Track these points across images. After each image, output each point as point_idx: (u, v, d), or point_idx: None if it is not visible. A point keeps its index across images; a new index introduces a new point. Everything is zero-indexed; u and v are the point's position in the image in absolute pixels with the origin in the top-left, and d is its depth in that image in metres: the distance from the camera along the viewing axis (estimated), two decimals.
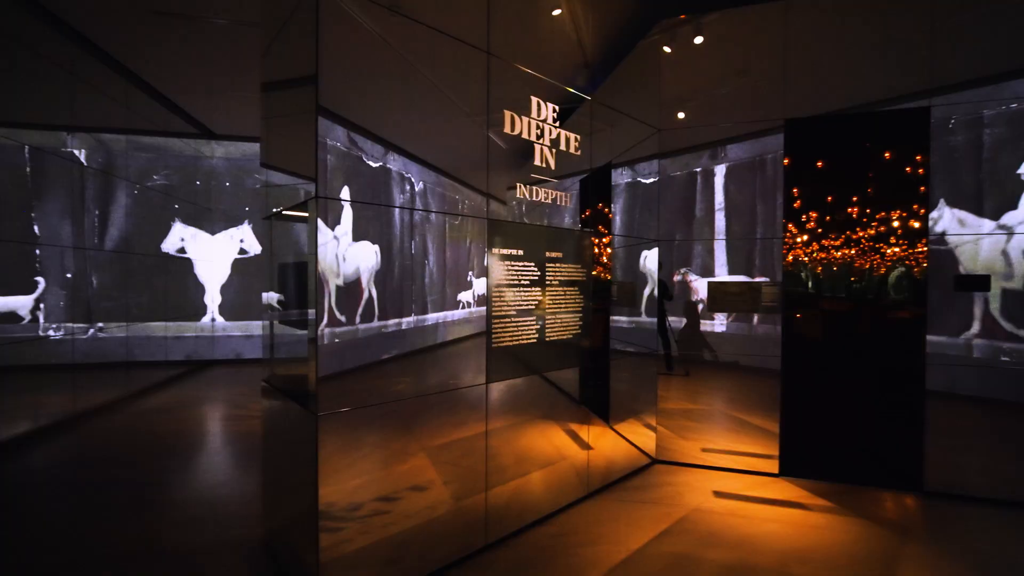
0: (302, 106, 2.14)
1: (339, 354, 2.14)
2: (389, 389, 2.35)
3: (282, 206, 2.46)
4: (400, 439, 2.38)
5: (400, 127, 2.41)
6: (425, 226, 2.55)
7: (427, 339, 2.56)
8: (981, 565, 2.58)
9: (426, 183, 2.52)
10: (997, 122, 3.32)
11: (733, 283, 3.95)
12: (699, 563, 2.57)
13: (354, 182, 2.19)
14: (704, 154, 4.15)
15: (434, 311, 2.58)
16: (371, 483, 2.22)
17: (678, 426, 4.05)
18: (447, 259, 2.65)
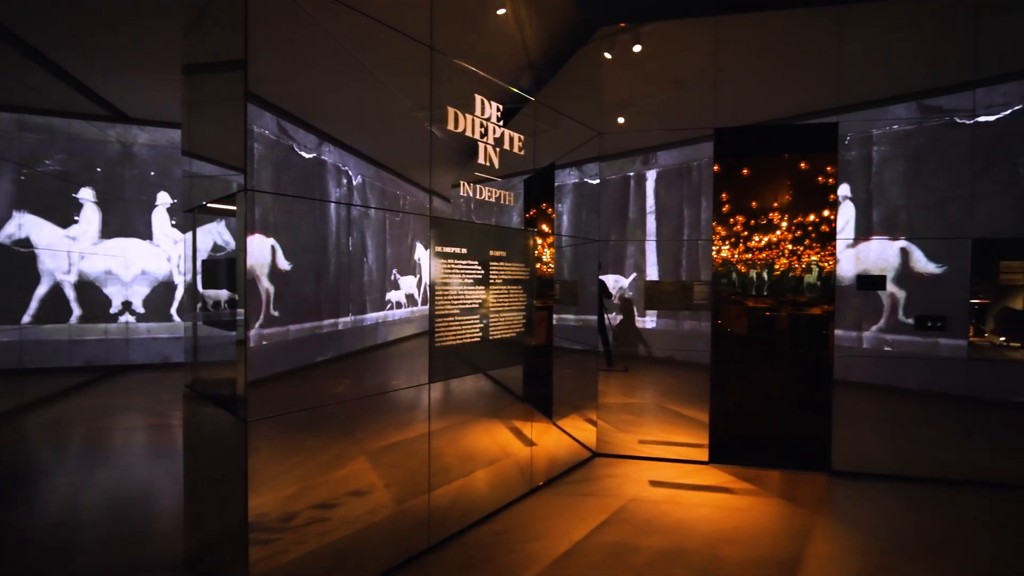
0: (229, 92, 2.00)
1: (269, 356, 2.03)
2: (326, 392, 2.25)
3: (207, 198, 2.29)
4: (339, 443, 2.29)
5: (337, 118, 2.32)
6: (364, 222, 2.46)
7: (366, 340, 2.47)
8: (879, 533, 2.89)
9: (365, 177, 2.43)
10: (882, 140, 3.75)
11: (667, 282, 4.16)
12: (636, 550, 2.68)
13: (284, 173, 2.07)
14: (637, 159, 4.34)
15: (373, 310, 2.49)
16: (307, 490, 2.13)
17: (618, 420, 4.20)
18: (388, 256, 2.57)
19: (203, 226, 2.34)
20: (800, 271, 4.01)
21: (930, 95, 3.71)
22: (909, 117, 3.75)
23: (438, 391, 2.74)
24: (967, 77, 3.63)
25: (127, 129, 7.82)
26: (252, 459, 1.91)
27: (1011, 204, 3.60)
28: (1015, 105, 3.56)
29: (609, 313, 4.34)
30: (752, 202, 4.09)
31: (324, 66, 2.22)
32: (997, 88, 3.58)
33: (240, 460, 1.91)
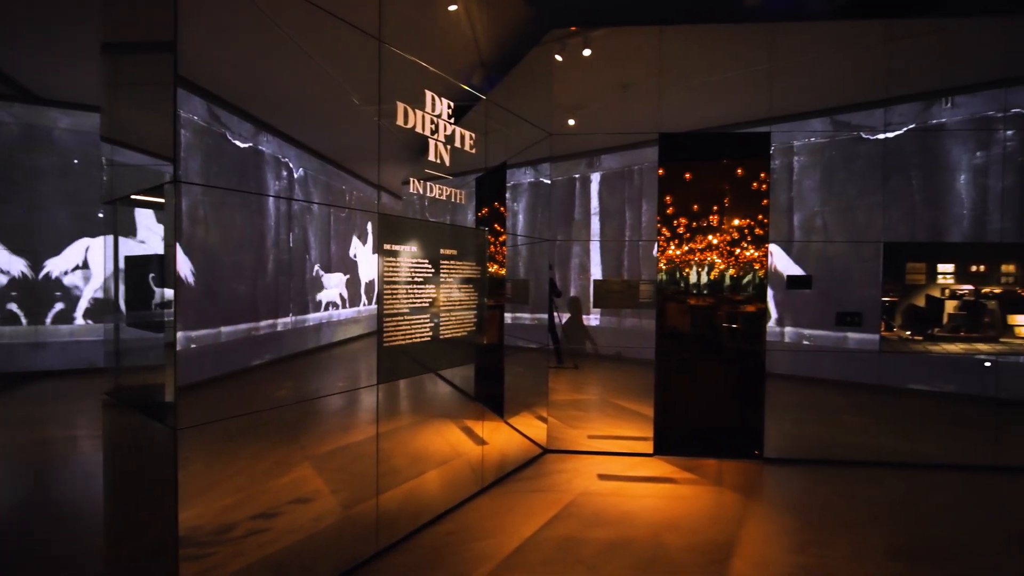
0: (157, 74, 1.86)
1: (201, 360, 1.90)
2: (267, 397, 2.14)
3: (130, 188, 2.11)
4: (282, 449, 2.19)
5: (277, 107, 2.21)
6: (307, 218, 2.35)
7: (308, 341, 2.37)
8: (806, 513, 3.12)
9: (307, 170, 2.32)
10: (802, 151, 4.08)
11: (615, 281, 4.28)
12: (585, 543, 2.74)
13: (216, 163, 1.94)
14: (582, 162, 4.45)
15: (316, 311, 2.39)
16: (246, 500, 2.02)
17: (567, 416, 4.28)
18: (332, 254, 2.48)
19: None
20: (737, 271, 4.25)
21: (843, 111, 4.06)
22: (824, 131, 4.08)
23: (387, 392, 2.68)
24: (879, 96, 3.99)
25: (42, 111, 7.07)
26: (184, 470, 1.79)
27: (906, 212, 4.00)
28: (910, 124, 3.96)
29: (559, 312, 4.42)
30: (694, 205, 4.29)
31: (263, 51, 2.11)
32: (895, 108, 3.96)
33: (169, 471, 1.78)
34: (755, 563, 2.57)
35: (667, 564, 2.56)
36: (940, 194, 4.01)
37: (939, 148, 3.98)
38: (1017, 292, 4.07)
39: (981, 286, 4.09)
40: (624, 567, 2.52)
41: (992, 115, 3.92)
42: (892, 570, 2.53)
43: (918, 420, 4.07)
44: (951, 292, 4.12)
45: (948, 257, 4.09)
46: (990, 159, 3.94)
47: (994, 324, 4.09)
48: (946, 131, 3.97)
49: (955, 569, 2.55)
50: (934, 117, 3.96)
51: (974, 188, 3.97)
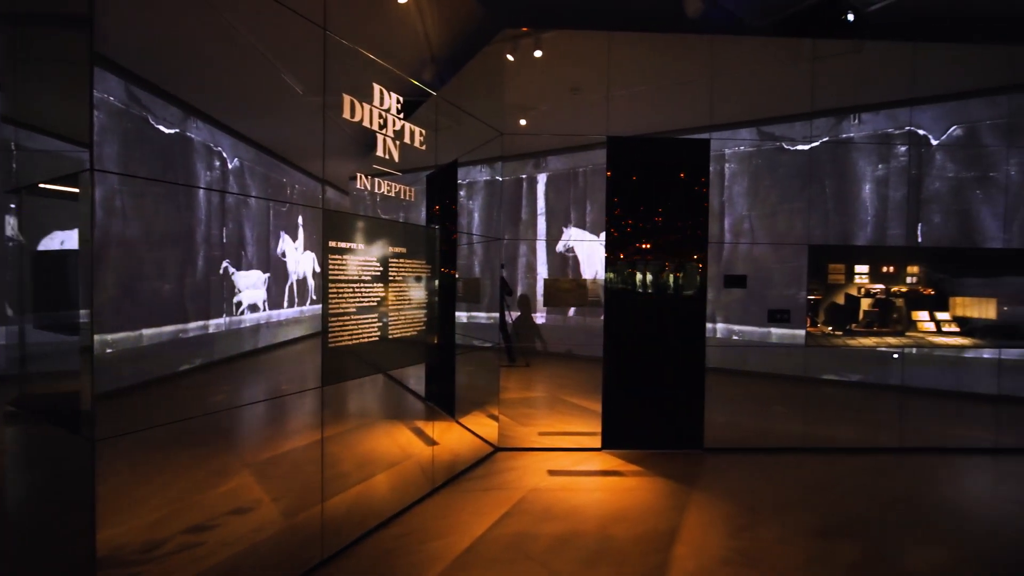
0: (69, 51, 1.69)
1: (117, 366, 1.75)
2: (200, 403, 2.01)
3: (37, 176, 1.91)
4: (219, 458, 2.06)
5: (210, 92, 2.07)
6: (243, 212, 2.21)
7: (245, 343, 2.24)
8: (741, 499, 3.32)
9: (244, 161, 2.19)
10: (732, 158, 4.35)
11: (565, 280, 4.36)
12: (535, 538, 2.78)
13: (137, 150, 1.78)
14: (529, 162, 4.52)
15: (230, 314, 2.25)
16: (178, 513, 1.88)
17: (518, 414, 4.32)
18: (271, 251, 2.36)
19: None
20: (680, 271, 4.45)
21: (769, 123, 4.36)
22: (752, 139, 4.37)
23: (334, 395, 2.59)
24: (803, 109, 4.31)
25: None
26: (103, 484, 1.65)
27: (821, 217, 4.36)
28: (824, 137, 4.32)
29: (510, 310, 4.44)
30: (640, 206, 4.45)
31: (193, 31, 1.97)
32: (813, 122, 4.31)
33: (86, 486, 1.63)
34: (695, 549, 2.71)
35: (614, 555, 2.64)
36: (849, 201, 4.40)
37: (848, 160, 4.37)
38: (920, 291, 4.53)
39: (891, 285, 4.52)
40: (573, 560, 2.58)
41: (891, 131, 4.36)
42: (815, 547, 2.75)
43: (838, 408, 4.44)
44: (866, 291, 4.51)
45: (863, 259, 4.48)
46: (889, 171, 4.38)
47: (901, 320, 4.53)
48: (854, 144, 4.36)
49: (867, 543, 2.81)
50: (844, 132, 4.34)
51: (876, 197, 4.40)
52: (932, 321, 4.53)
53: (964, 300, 4.55)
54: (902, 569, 2.57)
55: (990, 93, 4.40)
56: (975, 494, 3.57)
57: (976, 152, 4.39)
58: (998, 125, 4.36)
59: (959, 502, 3.40)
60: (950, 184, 4.38)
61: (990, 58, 4.37)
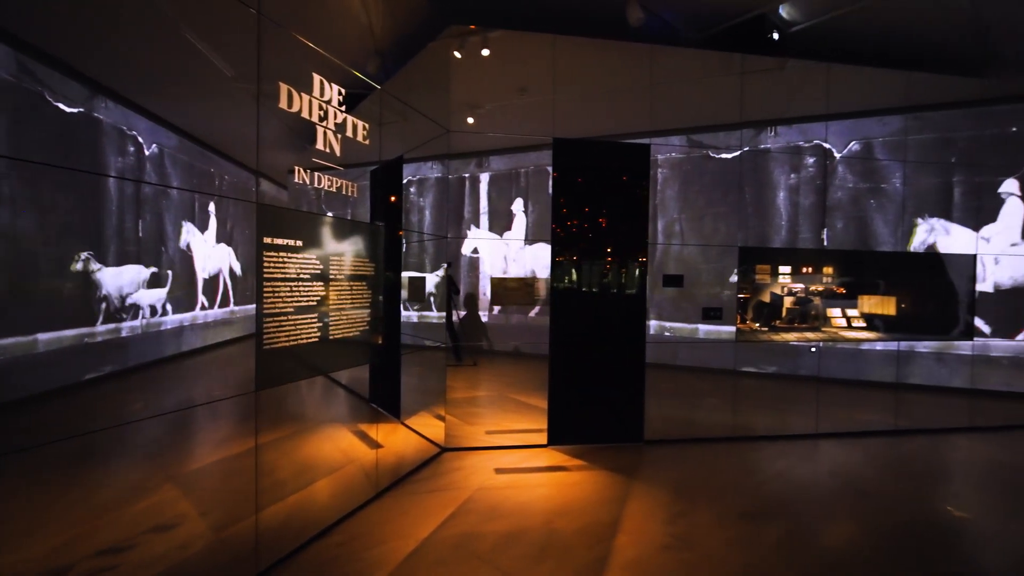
0: None
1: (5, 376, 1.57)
2: (113, 413, 1.84)
3: None
4: (136, 472, 1.90)
5: (123, 70, 1.89)
6: (162, 203, 2.04)
7: (166, 347, 2.08)
8: (678, 488, 3.49)
9: (164, 148, 2.01)
10: (664, 164, 4.60)
11: (512, 279, 4.39)
12: (481, 537, 2.78)
13: (30, 130, 1.58)
14: (472, 161, 4.53)
15: (179, 312, 2.09)
16: (88, 535, 1.72)
17: (466, 413, 4.30)
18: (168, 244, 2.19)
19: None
20: (622, 270, 4.61)
21: (699, 131, 4.64)
22: (686, 146, 4.64)
23: (269, 399, 2.46)
24: (731, 120, 4.60)
25: None
26: None
27: (742, 221, 4.70)
28: (745, 147, 4.66)
29: (457, 309, 4.41)
30: (585, 208, 4.56)
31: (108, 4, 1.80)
32: (733, 132, 4.63)
33: None
34: (635, 537, 2.82)
35: (559, 548, 2.69)
36: (766, 207, 4.77)
37: (766, 169, 4.73)
38: (834, 289, 4.96)
39: (809, 284, 4.92)
40: (519, 556, 2.61)
41: (802, 144, 4.77)
42: (743, 529, 2.94)
43: (763, 398, 4.78)
44: (788, 290, 4.89)
45: (785, 260, 4.85)
46: (800, 180, 4.79)
47: (818, 316, 4.94)
48: (771, 154, 4.73)
49: (788, 523, 3.04)
50: (762, 143, 4.70)
51: (789, 203, 4.81)
52: (844, 317, 4.99)
53: (870, 298, 5.03)
54: (817, 544, 2.81)
55: (889, 113, 4.91)
56: (876, 473, 3.96)
57: (871, 165, 4.88)
58: (888, 142, 4.89)
59: (863, 481, 3.77)
60: (850, 193, 4.86)
61: (890, 81, 4.86)
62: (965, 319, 5.00)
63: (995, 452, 4.37)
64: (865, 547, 2.79)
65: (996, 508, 3.32)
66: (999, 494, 3.56)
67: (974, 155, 4.99)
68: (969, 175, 4.99)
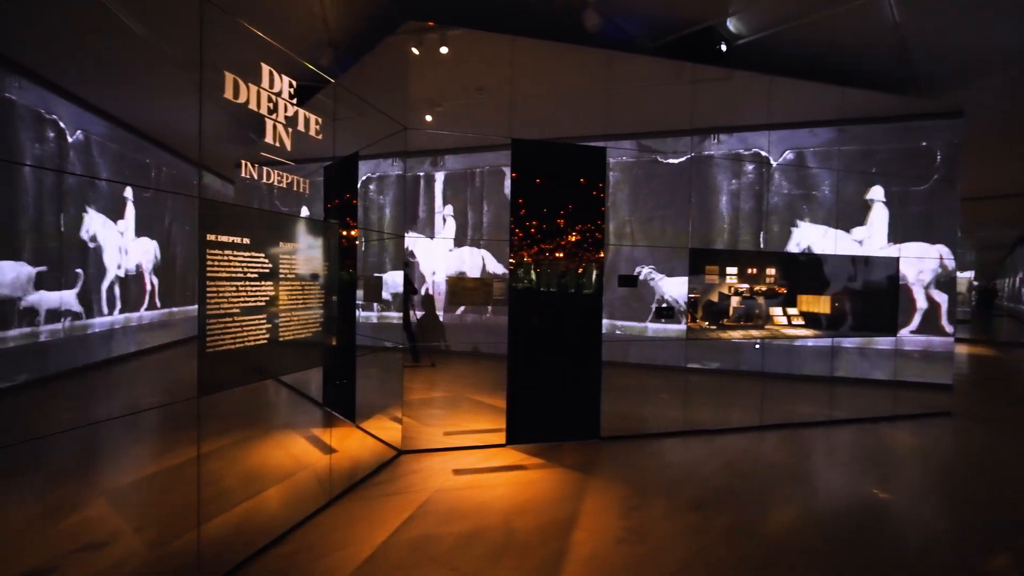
0: None
1: None
2: (36, 425, 1.69)
3: None
4: (61, 488, 1.75)
5: (42, 47, 1.74)
6: (87, 196, 1.88)
7: (95, 352, 1.93)
8: (632, 482, 3.59)
9: (91, 135, 1.86)
10: (615, 167, 4.75)
11: (470, 278, 4.38)
12: (440, 539, 2.76)
13: None
14: (427, 160, 4.51)
15: (113, 313, 1.94)
16: (5, 559, 1.57)
17: (423, 415, 4.25)
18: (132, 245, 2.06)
19: None
20: (580, 270, 4.69)
21: (656, 136, 4.81)
22: (635, 150, 4.80)
23: (213, 405, 2.33)
24: (682, 126, 4.79)
25: None
26: None
27: (687, 223, 4.92)
28: (691, 153, 4.87)
29: (415, 309, 4.35)
30: (543, 208, 4.61)
31: None
32: (680, 139, 4.83)
33: None
34: (592, 532, 2.88)
35: (518, 547, 2.71)
36: (709, 211, 5.01)
37: (709, 174, 4.97)
38: (776, 290, 5.26)
39: (754, 285, 5.19)
40: (478, 557, 2.60)
41: (742, 152, 5.05)
42: (693, 520, 3.07)
43: (712, 394, 5.00)
44: (735, 290, 5.13)
45: (732, 261, 5.09)
46: (741, 186, 5.07)
47: (762, 315, 5.22)
48: (715, 161, 4.97)
49: (735, 512, 3.20)
50: (707, 149, 4.94)
51: (731, 207, 5.08)
52: (785, 316, 5.29)
53: (808, 298, 5.37)
54: (761, 529, 2.97)
55: (824, 125, 5.26)
56: (813, 462, 4.23)
57: (804, 173, 5.23)
58: (819, 152, 5.25)
59: (802, 469, 4.02)
60: (785, 199, 5.18)
61: (826, 95, 5.21)
62: (890, 315, 5.44)
63: (914, 438, 4.77)
64: (803, 530, 2.97)
65: (914, 489, 3.62)
66: (917, 476, 3.89)
67: (892, 166, 5.44)
68: (886, 184, 5.44)
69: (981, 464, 4.16)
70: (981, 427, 5.20)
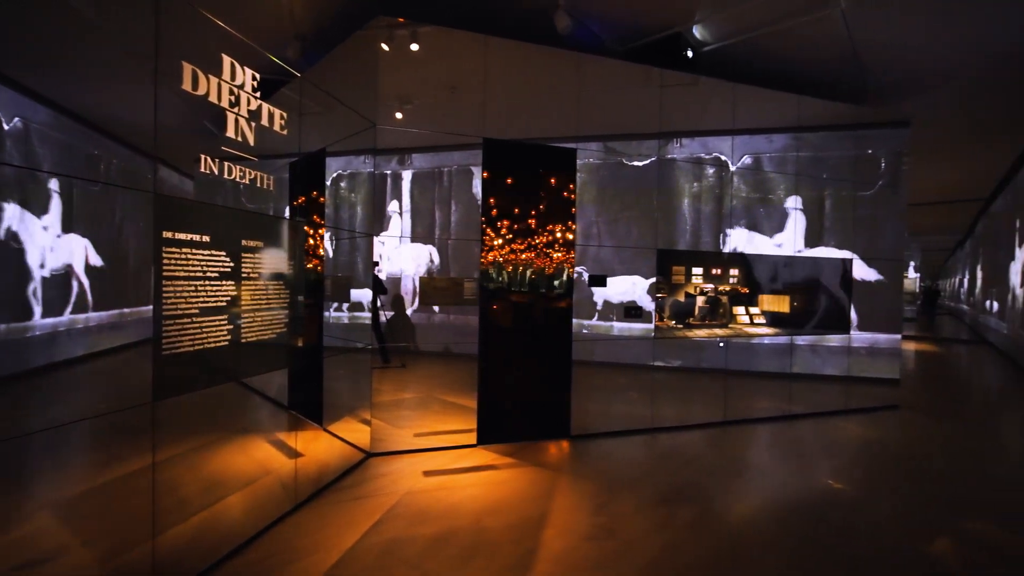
0: None
1: None
2: None
3: None
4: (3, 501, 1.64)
5: None
6: (27, 188, 1.77)
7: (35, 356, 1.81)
8: (601, 479, 3.64)
9: (31, 122, 1.74)
10: (582, 169, 4.81)
11: (441, 278, 4.34)
12: (410, 542, 2.73)
13: None
14: (394, 158, 4.45)
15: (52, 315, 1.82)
16: None
17: (393, 416, 4.19)
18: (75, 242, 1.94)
19: None
20: (550, 270, 4.72)
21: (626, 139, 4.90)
22: (603, 151, 4.88)
23: (171, 410, 2.23)
24: (653, 129, 4.89)
25: None
26: None
27: (652, 225, 5.04)
28: (653, 156, 5.00)
29: (384, 309, 4.28)
30: (515, 208, 4.61)
31: None
32: (649, 142, 4.94)
33: None
34: (562, 530, 2.91)
35: (489, 547, 2.71)
36: (672, 212, 5.15)
37: (673, 177, 5.11)
38: (739, 290, 5.44)
39: (718, 285, 5.35)
40: (448, 559, 2.59)
41: (703, 156, 5.21)
42: (660, 514, 3.14)
43: (677, 391, 5.13)
44: (700, 290, 5.28)
45: (698, 262, 5.24)
46: (702, 189, 5.24)
47: (725, 314, 5.39)
48: (679, 164, 5.10)
49: (701, 505, 3.29)
50: (669, 153, 5.07)
51: (692, 210, 5.24)
52: (747, 315, 5.48)
53: (768, 297, 5.58)
54: (725, 521, 3.07)
55: (783, 131, 5.47)
56: (772, 454, 4.40)
57: (760, 177, 5.44)
58: (774, 158, 5.48)
59: (763, 462, 4.17)
60: (743, 202, 5.38)
61: (785, 103, 5.42)
62: (843, 314, 5.72)
63: (864, 431, 5.03)
64: (764, 520, 3.09)
65: (865, 479, 3.82)
66: (867, 466, 4.10)
67: (841, 172, 5.73)
68: (836, 189, 5.73)
69: (925, 454, 4.42)
70: (925, 419, 5.53)
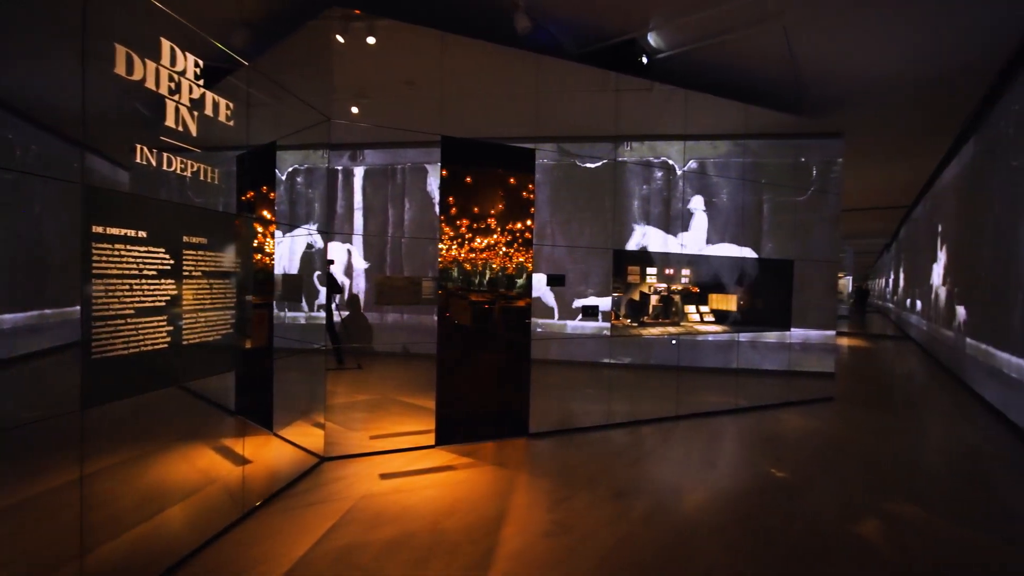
0: None
1: None
2: None
3: None
4: None
5: None
6: None
7: None
8: (558, 476, 3.69)
9: None
10: (538, 169, 4.88)
11: (398, 277, 4.27)
12: (365, 547, 2.66)
13: None
14: (345, 153, 4.34)
15: None
16: None
17: (348, 419, 4.08)
18: None
19: None
20: (510, 270, 4.74)
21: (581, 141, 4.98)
22: (559, 152, 4.95)
23: (103, 418, 2.07)
24: (609, 132, 5.00)
25: None
26: None
27: (602, 226, 5.18)
28: (605, 159, 5.13)
29: (338, 309, 4.16)
30: (474, 207, 4.60)
31: None
32: (596, 144, 5.06)
33: None
34: (520, 528, 2.93)
35: (446, 548, 2.69)
36: (623, 214, 5.30)
37: (623, 179, 5.26)
38: (691, 289, 5.66)
39: (671, 284, 5.54)
40: (405, 562, 2.55)
41: (652, 160, 5.40)
42: (615, 508, 3.22)
43: (632, 387, 5.28)
44: (654, 289, 5.46)
45: (652, 262, 5.41)
46: (651, 191, 5.43)
47: (678, 312, 5.59)
48: (629, 166, 5.25)
49: (654, 498, 3.40)
50: (620, 156, 5.22)
51: (642, 211, 5.42)
52: (698, 313, 5.71)
53: (717, 296, 5.84)
54: (677, 513, 3.19)
55: (729, 138, 5.74)
56: (721, 447, 4.61)
57: (705, 181, 5.70)
58: (718, 163, 5.76)
59: (712, 454, 4.36)
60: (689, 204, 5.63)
61: (733, 111, 5.69)
62: (783, 312, 6.07)
63: (803, 421, 5.36)
64: (712, 510, 3.23)
65: (803, 466, 4.07)
66: (806, 455, 4.37)
67: (778, 178, 6.10)
68: (773, 195, 6.10)
69: (858, 442, 4.76)
70: (857, 410, 5.96)
